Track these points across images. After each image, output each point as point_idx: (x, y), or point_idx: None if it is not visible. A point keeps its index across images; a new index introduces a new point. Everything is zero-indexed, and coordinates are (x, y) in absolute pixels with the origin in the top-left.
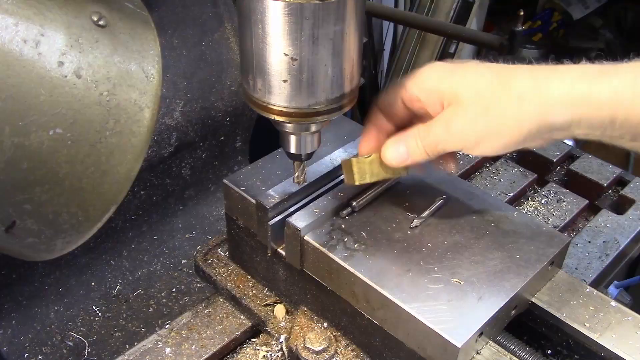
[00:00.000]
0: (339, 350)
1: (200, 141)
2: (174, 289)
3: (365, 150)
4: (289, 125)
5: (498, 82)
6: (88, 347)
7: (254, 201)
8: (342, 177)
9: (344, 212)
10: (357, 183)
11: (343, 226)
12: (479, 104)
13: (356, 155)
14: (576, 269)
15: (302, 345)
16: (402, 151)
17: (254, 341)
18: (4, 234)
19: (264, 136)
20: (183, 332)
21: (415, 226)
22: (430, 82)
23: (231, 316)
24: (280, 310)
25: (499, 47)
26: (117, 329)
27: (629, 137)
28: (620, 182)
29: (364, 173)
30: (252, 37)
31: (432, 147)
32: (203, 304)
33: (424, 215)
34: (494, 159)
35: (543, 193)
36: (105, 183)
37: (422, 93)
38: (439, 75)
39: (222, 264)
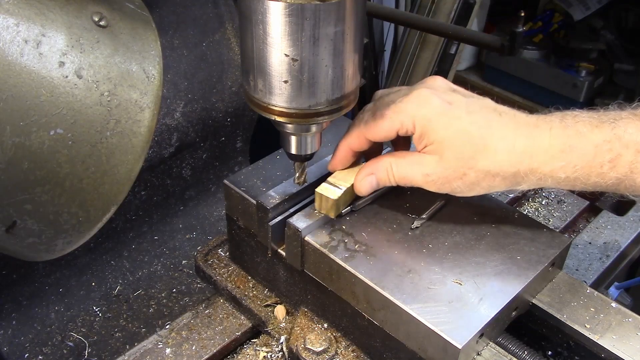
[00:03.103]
0: (339, 351)
1: (201, 141)
2: (174, 290)
3: (333, 169)
4: (289, 125)
5: (481, 152)
6: (88, 347)
7: (254, 202)
8: None
9: (345, 212)
10: (332, 217)
11: (344, 227)
12: (459, 168)
13: (332, 183)
14: (577, 270)
15: (302, 346)
16: (373, 182)
17: (254, 342)
18: (4, 234)
19: (265, 137)
20: (183, 332)
21: (416, 227)
22: (425, 126)
23: (231, 317)
24: (280, 310)
25: (499, 48)
26: (117, 329)
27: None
28: None
29: (339, 207)
30: (253, 38)
31: (403, 181)
32: (203, 305)
33: (424, 216)
34: None
35: (544, 194)
36: (105, 183)
37: (416, 132)
38: (432, 122)
39: (223, 264)
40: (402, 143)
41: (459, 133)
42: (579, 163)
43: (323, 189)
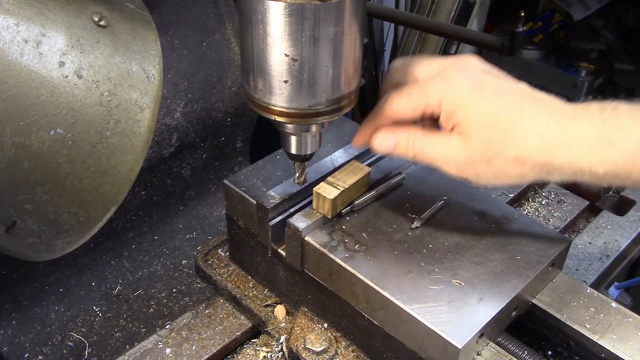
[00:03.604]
0: (339, 351)
1: (201, 141)
2: (174, 290)
3: (358, 143)
4: (289, 125)
5: (510, 136)
6: (88, 347)
7: (254, 202)
8: None
9: (345, 212)
10: (330, 217)
11: (344, 227)
12: (485, 152)
13: (331, 183)
14: (577, 270)
15: (302, 345)
16: (390, 144)
17: (254, 342)
18: (4, 234)
19: (265, 137)
20: (183, 332)
21: (416, 227)
22: (452, 106)
23: (231, 317)
24: (280, 310)
25: (499, 48)
26: (117, 329)
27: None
28: None
29: (336, 207)
30: (253, 38)
31: (422, 156)
32: (203, 305)
33: (424, 216)
34: None
35: (544, 194)
36: (105, 183)
37: (442, 113)
38: (460, 102)
39: (223, 264)
40: (429, 125)
41: (487, 116)
42: (620, 159)
43: (321, 188)
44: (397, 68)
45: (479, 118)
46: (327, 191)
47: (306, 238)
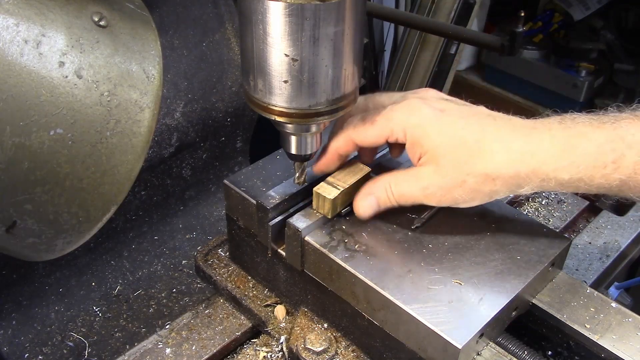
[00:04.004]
0: (339, 351)
1: (201, 141)
2: (174, 290)
3: (318, 171)
4: (289, 125)
5: (477, 155)
6: (88, 347)
7: (254, 202)
8: None
9: (345, 212)
10: (329, 217)
11: (344, 227)
12: (457, 175)
13: (330, 183)
14: (577, 270)
15: (302, 346)
16: (373, 202)
17: (254, 342)
18: (4, 234)
19: (265, 137)
20: (183, 332)
21: (416, 227)
22: (417, 134)
23: (231, 317)
24: (280, 310)
25: (499, 48)
26: (117, 329)
27: (596, 194)
28: None
29: (336, 207)
30: (253, 38)
31: (403, 199)
32: (203, 305)
33: (424, 216)
34: None
35: (543, 194)
36: (105, 183)
37: (408, 142)
38: (424, 129)
39: (223, 264)
40: (396, 145)
41: (453, 139)
42: (582, 163)
43: (321, 188)
44: (358, 102)
45: (444, 142)
46: (327, 191)
47: (306, 238)
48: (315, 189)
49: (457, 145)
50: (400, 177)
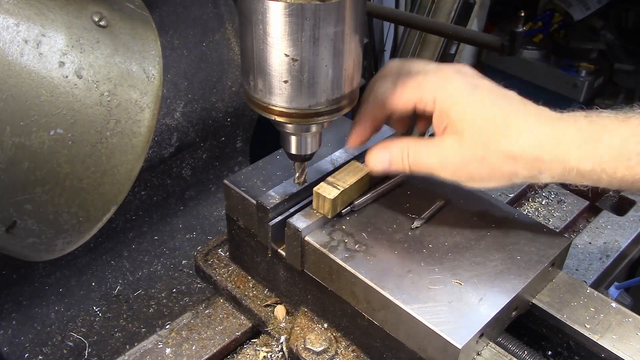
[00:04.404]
0: (339, 351)
1: (201, 141)
2: (174, 290)
3: (354, 144)
4: (289, 125)
5: (502, 133)
6: (88, 347)
7: (254, 202)
8: None
9: (345, 212)
10: (329, 217)
11: (344, 227)
12: (478, 150)
13: (331, 183)
14: (577, 270)
15: (302, 346)
16: (385, 159)
17: (254, 342)
18: (4, 234)
19: (265, 137)
20: (183, 332)
21: (416, 227)
22: (447, 103)
23: (231, 317)
24: (280, 310)
25: (499, 48)
26: (117, 329)
27: (617, 189)
28: None
29: (336, 207)
30: (253, 38)
31: (417, 166)
32: (203, 305)
33: (424, 216)
34: None
35: (544, 194)
36: (105, 183)
37: (436, 110)
38: (455, 99)
39: (223, 264)
40: (422, 119)
41: (481, 114)
42: (605, 155)
43: (321, 188)
44: (392, 66)
45: (473, 116)
46: (327, 191)
47: (306, 238)
48: (315, 189)
49: (484, 120)
50: (421, 144)
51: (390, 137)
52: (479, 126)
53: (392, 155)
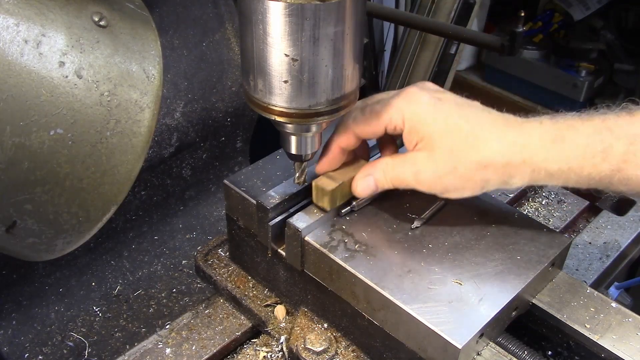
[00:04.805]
0: (339, 351)
1: (201, 141)
2: (174, 290)
3: (322, 170)
4: (289, 125)
5: (470, 143)
6: (88, 347)
7: (254, 202)
8: None
9: (345, 212)
10: (328, 209)
11: (344, 227)
12: (449, 162)
13: (330, 176)
14: (577, 270)
15: (302, 346)
16: (371, 183)
17: (254, 342)
18: (4, 234)
19: (265, 137)
20: (183, 332)
21: (416, 227)
22: (414, 120)
23: (231, 317)
24: (280, 310)
25: (499, 48)
26: (117, 329)
27: (587, 187)
28: None
29: (335, 200)
30: (253, 38)
31: (397, 182)
32: (203, 305)
33: (424, 216)
34: None
35: (544, 194)
36: (105, 183)
37: (405, 128)
38: (422, 116)
39: (223, 264)
40: (389, 146)
41: (449, 126)
42: (571, 154)
43: (320, 181)
44: (357, 102)
45: (440, 129)
46: (326, 183)
47: (306, 238)
48: (314, 181)
49: (451, 132)
50: (397, 160)
51: (371, 162)
52: (447, 139)
53: (375, 178)
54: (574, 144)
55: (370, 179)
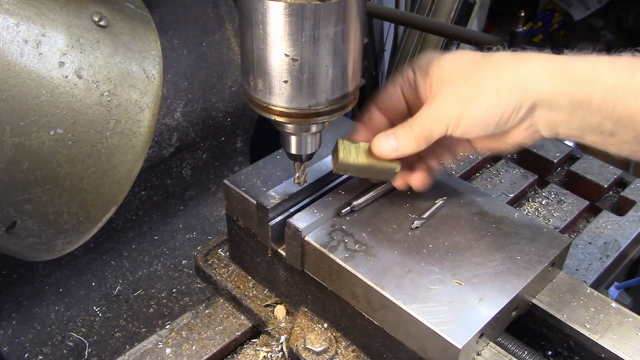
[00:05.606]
0: (339, 351)
1: (201, 141)
2: (174, 290)
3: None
4: (289, 125)
5: (480, 56)
6: (88, 347)
7: (254, 202)
8: (343, 177)
9: (345, 212)
10: (340, 160)
11: (344, 227)
12: (461, 76)
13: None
14: (577, 270)
15: (302, 345)
16: (392, 142)
17: (254, 342)
18: (4, 234)
19: (265, 137)
20: (183, 332)
21: (416, 227)
22: (424, 66)
23: (231, 317)
24: (280, 310)
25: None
26: (117, 329)
27: (610, 127)
28: (621, 184)
29: (348, 155)
30: (253, 38)
31: (422, 135)
32: (203, 305)
33: (424, 216)
34: (495, 160)
35: (544, 194)
36: (105, 183)
37: (417, 78)
38: (431, 61)
39: (223, 264)
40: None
41: (460, 63)
42: (597, 63)
43: (343, 143)
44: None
45: (452, 67)
46: (347, 148)
47: (306, 238)
48: (339, 140)
49: (464, 67)
50: (421, 114)
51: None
52: (456, 62)
53: (397, 137)
54: (583, 71)
55: (391, 139)
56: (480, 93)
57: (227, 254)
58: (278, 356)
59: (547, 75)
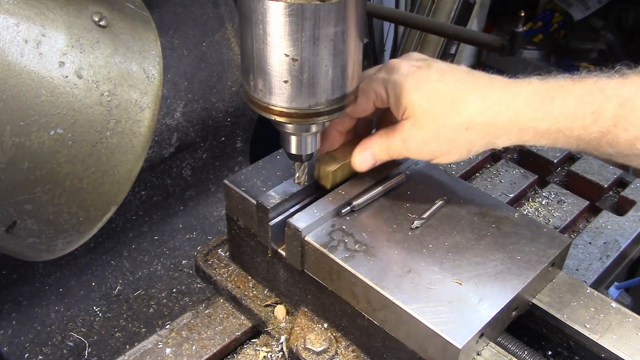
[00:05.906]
0: (339, 351)
1: (201, 141)
2: (174, 290)
3: (322, 152)
4: (289, 125)
5: (452, 108)
6: (88, 347)
7: (254, 202)
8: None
9: (345, 212)
10: (328, 187)
11: (344, 227)
12: (432, 128)
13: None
14: (577, 270)
15: (302, 345)
16: (368, 156)
17: (254, 342)
18: (4, 234)
19: (265, 137)
20: (183, 332)
21: (416, 227)
22: (397, 91)
23: (231, 317)
24: (280, 310)
25: (499, 48)
26: (117, 329)
27: (575, 149)
28: (621, 184)
29: (335, 178)
30: (253, 38)
31: (392, 152)
32: (203, 305)
33: (424, 216)
34: (495, 160)
35: (544, 194)
36: (105, 183)
37: (391, 100)
38: (402, 86)
39: (223, 264)
40: (384, 123)
41: (428, 92)
42: (560, 114)
43: (323, 159)
44: None
45: (421, 96)
46: (328, 163)
47: (306, 238)
48: (317, 161)
49: (432, 98)
50: (389, 131)
51: (368, 136)
52: (427, 105)
53: (372, 151)
54: (564, 104)
55: (367, 153)
56: (450, 151)
57: (227, 254)
58: (278, 356)
59: (514, 131)
